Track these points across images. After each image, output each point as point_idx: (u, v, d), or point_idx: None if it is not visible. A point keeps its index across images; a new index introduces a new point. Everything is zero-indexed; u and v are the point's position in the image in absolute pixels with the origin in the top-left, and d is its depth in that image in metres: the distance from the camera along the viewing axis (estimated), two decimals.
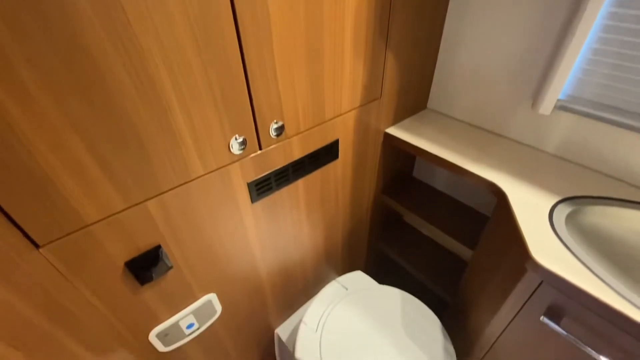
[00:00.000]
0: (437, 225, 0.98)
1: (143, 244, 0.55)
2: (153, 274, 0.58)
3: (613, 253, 0.62)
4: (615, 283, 0.52)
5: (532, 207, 0.67)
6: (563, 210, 0.66)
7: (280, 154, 0.68)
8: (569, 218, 0.65)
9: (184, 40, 0.44)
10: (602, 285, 0.52)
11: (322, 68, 0.64)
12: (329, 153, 0.79)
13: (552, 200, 0.68)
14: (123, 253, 0.53)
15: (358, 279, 1.04)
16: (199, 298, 0.71)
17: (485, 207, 1.04)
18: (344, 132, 0.80)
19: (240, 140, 0.58)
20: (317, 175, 0.80)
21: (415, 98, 0.99)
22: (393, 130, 0.93)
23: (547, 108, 0.74)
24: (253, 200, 0.69)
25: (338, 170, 0.86)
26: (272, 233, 0.79)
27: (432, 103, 1.05)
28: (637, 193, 0.70)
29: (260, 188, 0.69)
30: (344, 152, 0.84)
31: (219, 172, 0.59)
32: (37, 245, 0.43)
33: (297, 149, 0.71)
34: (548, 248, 0.58)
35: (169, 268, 0.60)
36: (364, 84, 0.76)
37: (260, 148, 0.63)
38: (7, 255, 0.41)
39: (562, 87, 0.70)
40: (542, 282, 0.58)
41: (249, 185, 0.66)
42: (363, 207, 1.07)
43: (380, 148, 0.96)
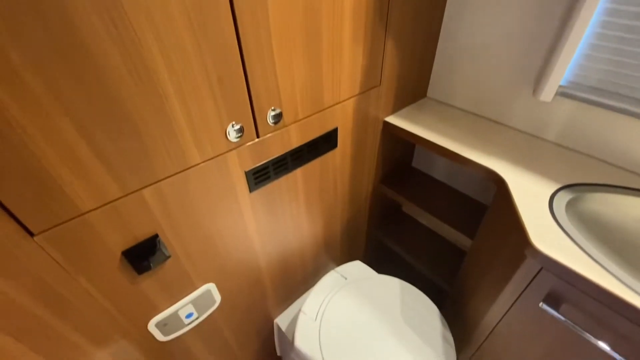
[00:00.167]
0: (436, 215, 0.97)
1: (140, 233, 0.54)
2: (151, 263, 0.57)
3: (613, 240, 0.62)
4: (615, 269, 0.52)
5: (532, 194, 0.66)
6: (563, 198, 0.65)
7: (278, 142, 0.67)
8: (569, 205, 0.64)
9: (178, 22, 0.43)
10: (602, 272, 0.51)
11: (320, 54, 0.63)
12: (328, 142, 0.78)
13: (552, 188, 0.68)
14: (120, 242, 0.52)
15: (357, 269, 1.04)
16: (198, 288, 0.70)
17: (485, 196, 1.04)
18: (343, 120, 0.79)
19: (238, 128, 0.57)
20: (315, 165, 0.80)
21: (415, 86, 0.98)
22: (392, 119, 0.92)
23: (548, 95, 0.73)
24: (251, 190, 0.68)
25: (337, 160, 0.85)
26: (270, 222, 0.78)
27: (431, 91, 1.04)
28: (636, 179, 0.69)
29: (258, 177, 0.68)
30: (343, 141, 0.83)
31: (216, 160, 0.58)
32: (31, 234, 0.43)
33: (295, 138, 0.70)
34: (548, 235, 0.58)
35: (167, 257, 0.60)
36: (363, 71, 0.75)
37: (258, 136, 0.62)
38: (1, 244, 0.40)
39: (564, 72, 0.69)
40: (541, 268, 0.58)
41: (247, 174, 0.65)
42: (362, 196, 1.07)
43: (380, 137, 0.95)
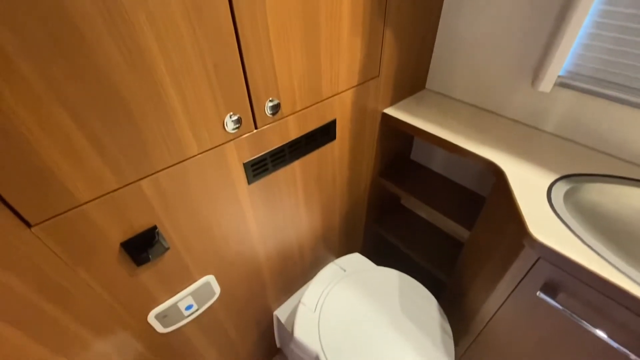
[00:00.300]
0: (434, 207, 0.98)
1: (138, 225, 0.54)
2: (150, 255, 0.57)
3: (610, 229, 0.63)
4: (613, 258, 0.52)
5: (530, 185, 0.66)
6: (561, 188, 0.65)
7: (277, 134, 0.67)
8: (567, 195, 0.64)
9: (173, 8, 0.42)
10: (599, 260, 0.52)
11: (318, 44, 0.62)
12: (326, 134, 0.78)
13: (550, 179, 0.68)
14: (118, 234, 0.52)
15: (356, 261, 1.04)
16: (197, 280, 0.71)
17: (483, 188, 1.04)
18: (341, 112, 0.78)
19: (235, 119, 0.57)
20: (313, 157, 0.79)
21: (414, 77, 0.97)
22: (391, 111, 0.92)
23: (547, 85, 0.73)
24: (249, 182, 0.68)
25: (335, 152, 0.85)
26: (269, 215, 0.78)
27: (430, 83, 1.03)
28: (634, 170, 0.70)
29: (257, 169, 0.68)
30: (342, 133, 0.83)
31: (214, 151, 0.58)
32: (29, 225, 0.42)
33: (293, 129, 0.69)
34: (546, 225, 0.58)
35: (166, 249, 0.60)
36: (362, 62, 0.74)
37: (256, 127, 0.62)
38: None
39: (563, 62, 0.68)
40: (539, 258, 0.58)
41: (245, 166, 0.65)
42: (360, 189, 1.07)
43: (378, 129, 0.95)
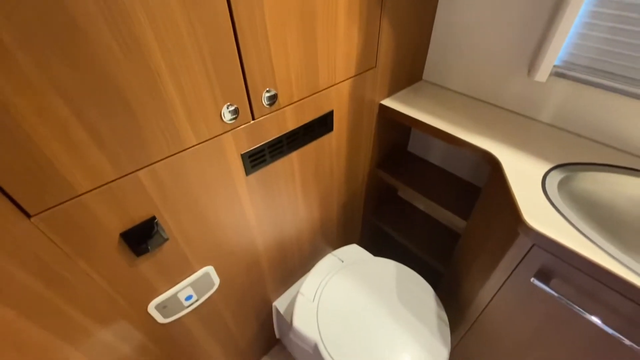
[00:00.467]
0: (431, 198, 0.98)
1: (137, 216, 0.54)
2: (149, 246, 0.58)
3: (603, 217, 0.64)
4: (605, 244, 0.53)
5: (525, 174, 0.67)
6: (555, 177, 0.66)
7: (274, 125, 0.67)
8: (561, 184, 0.65)
9: None
10: (591, 246, 0.53)
11: (315, 33, 0.62)
12: (324, 125, 0.78)
13: (545, 168, 0.69)
14: (117, 224, 0.52)
15: (353, 252, 1.05)
16: (197, 270, 0.71)
17: (479, 179, 1.05)
18: (339, 103, 0.78)
19: (232, 109, 0.57)
20: (311, 148, 0.80)
21: (411, 69, 0.97)
22: (388, 102, 0.92)
23: (543, 75, 0.73)
24: (247, 173, 0.68)
25: (333, 143, 0.85)
26: (267, 206, 0.78)
27: (427, 74, 1.04)
28: (626, 158, 0.71)
29: (255, 160, 0.68)
30: (339, 124, 0.83)
31: (212, 142, 0.58)
32: (28, 215, 0.43)
33: (291, 120, 0.69)
34: (540, 212, 0.59)
35: (165, 240, 0.60)
36: (359, 52, 0.74)
37: (253, 118, 0.62)
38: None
39: (558, 51, 0.69)
40: (533, 245, 0.59)
41: (243, 157, 0.65)
42: (358, 181, 1.07)
43: (376, 120, 0.95)
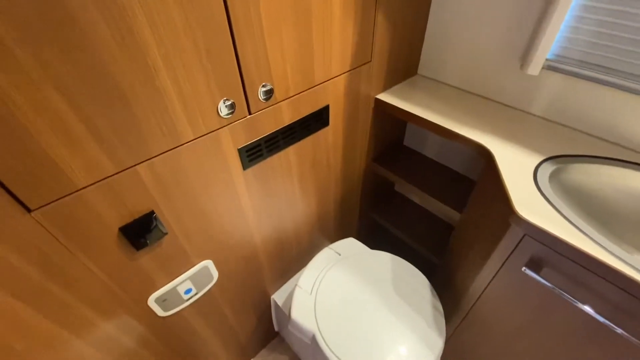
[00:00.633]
0: (426, 191, 1.00)
1: (136, 210, 0.55)
2: (148, 240, 0.59)
3: (593, 207, 0.65)
4: (595, 234, 0.55)
5: (517, 166, 0.68)
6: (547, 169, 0.68)
7: (270, 119, 0.67)
8: (553, 176, 0.67)
9: None
10: (581, 236, 0.54)
11: (310, 27, 0.62)
12: (320, 119, 0.79)
13: (537, 160, 0.70)
14: (116, 218, 0.53)
15: (350, 245, 1.07)
16: (196, 264, 0.72)
17: (473, 172, 1.06)
18: (335, 97, 0.79)
19: (229, 104, 0.58)
20: (308, 143, 0.80)
21: (406, 63, 0.98)
22: (384, 96, 0.93)
23: (535, 68, 0.74)
24: (245, 167, 0.69)
25: (329, 138, 0.86)
26: (265, 200, 0.79)
27: (422, 69, 1.04)
28: (617, 151, 0.72)
29: (251, 155, 0.68)
30: (335, 119, 0.84)
31: (209, 136, 0.58)
32: (28, 209, 0.43)
33: (287, 114, 0.70)
34: (531, 203, 0.60)
35: (164, 234, 0.61)
36: (354, 46, 0.75)
37: (250, 112, 0.63)
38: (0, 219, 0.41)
39: (550, 45, 0.70)
40: (524, 235, 0.60)
41: (240, 152, 0.66)
42: (354, 175, 1.08)
43: (371, 115, 0.96)
